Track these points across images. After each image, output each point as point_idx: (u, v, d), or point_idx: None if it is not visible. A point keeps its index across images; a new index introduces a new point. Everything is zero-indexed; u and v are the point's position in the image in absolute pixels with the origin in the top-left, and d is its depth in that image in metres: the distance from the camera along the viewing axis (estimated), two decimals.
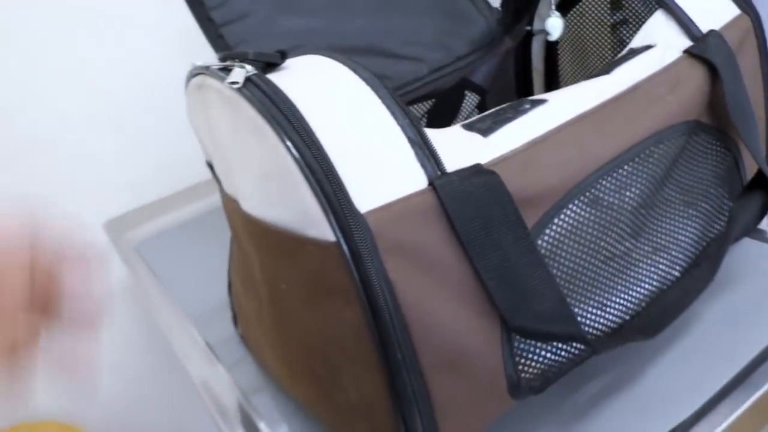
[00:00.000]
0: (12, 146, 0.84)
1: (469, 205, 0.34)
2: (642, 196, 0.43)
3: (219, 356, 0.56)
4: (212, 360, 0.56)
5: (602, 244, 0.41)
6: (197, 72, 0.40)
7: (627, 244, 0.43)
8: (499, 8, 0.63)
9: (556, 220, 0.38)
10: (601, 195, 0.41)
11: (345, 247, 0.32)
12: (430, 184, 0.34)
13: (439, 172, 0.35)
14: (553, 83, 0.68)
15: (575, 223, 0.39)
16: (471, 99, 0.69)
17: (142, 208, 0.91)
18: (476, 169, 0.35)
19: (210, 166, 0.48)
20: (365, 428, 0.39)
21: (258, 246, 0.39)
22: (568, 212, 0.39)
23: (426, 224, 0.34)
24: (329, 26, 0.60)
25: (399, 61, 0.59)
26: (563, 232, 0.39)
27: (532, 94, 0.69)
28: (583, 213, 0.40)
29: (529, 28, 0.65)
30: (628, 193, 0.42)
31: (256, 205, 0.37)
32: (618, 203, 0.41)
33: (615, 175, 0.41)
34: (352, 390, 0.38)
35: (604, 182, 0.41)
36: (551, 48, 0.66)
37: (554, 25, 0.55)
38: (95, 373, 0.32)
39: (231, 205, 0.43)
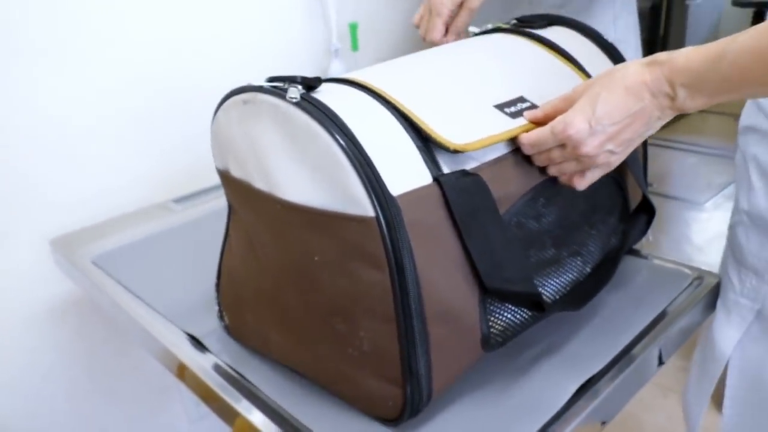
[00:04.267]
0: None
1: (462, 196, 0.47)
2: (564, 206, 0.58)
3: (207, 345, 0.64)
4: (201, 348, 0.64)
5: (541, 236, 0.55)
6: (244, 90, 0.50)
7: (553, 249, 0.57)
8: None
9: (513, 218, 0.52)
10: (539, 204, 0.55)
11: (383, 219, 0.44)
12: (435, 179, 0.47)
13: (440, 172, 0.48)
14: None
15: (523, 220, 0.54)
16: None
17: (87, 228, 0.95)
18: (465, 172, 0.49)
19: (223, 172, 0.58)
20: (372, 373, 0.49)
21: (293, 227, 0.49)
22: (520, 211, 0.53)
23: (432, 208, 0.47)
24: None
25: None
26: (517, 226, 0.53)
27: None
28: (527, 213, 0.54)
29: None
30: (554, 205, 0.57)
31: (301, 193, 0.48)
32: (549, 210, 0.56)
33: (549, 189, 0.56)
34: (366, 340, 0.48)
35: (541, 195, 0.55)
36: None
37: None
38: None
39: (257, 200, 0.53)
